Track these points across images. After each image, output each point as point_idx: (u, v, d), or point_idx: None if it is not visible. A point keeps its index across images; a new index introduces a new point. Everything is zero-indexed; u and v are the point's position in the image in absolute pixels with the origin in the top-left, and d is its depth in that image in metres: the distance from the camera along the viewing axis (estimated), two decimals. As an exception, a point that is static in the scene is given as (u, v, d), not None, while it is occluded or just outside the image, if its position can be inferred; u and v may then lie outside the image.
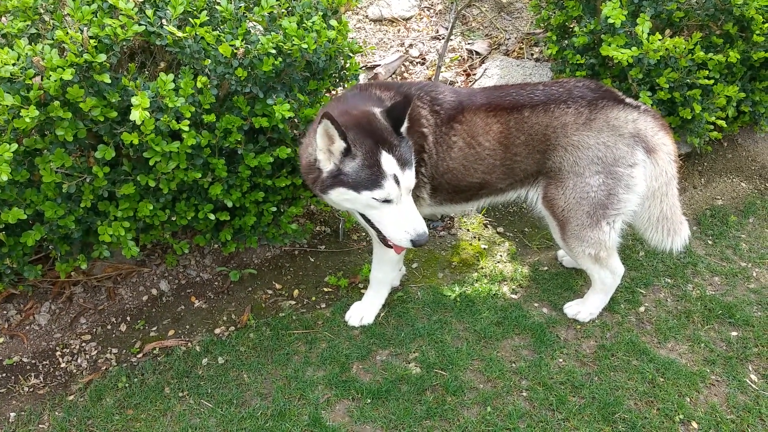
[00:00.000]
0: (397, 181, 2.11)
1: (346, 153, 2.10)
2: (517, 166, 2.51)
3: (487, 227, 3.37)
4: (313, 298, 2.92)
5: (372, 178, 2.08)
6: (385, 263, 2.71)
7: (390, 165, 2.10)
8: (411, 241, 2.15)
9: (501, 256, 3.19)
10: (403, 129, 2.19)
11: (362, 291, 2.90)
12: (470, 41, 4.55)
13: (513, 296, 2.95)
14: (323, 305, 2.89)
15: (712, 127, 3.39)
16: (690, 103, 3.19)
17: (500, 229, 3.37)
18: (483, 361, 2.59)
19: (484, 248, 3.23)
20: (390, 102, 2.40)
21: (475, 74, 4.23)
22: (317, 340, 2.67)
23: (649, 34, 3.01)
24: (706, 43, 3.20)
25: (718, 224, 3.42)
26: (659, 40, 3.00)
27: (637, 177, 2.43)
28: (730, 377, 2.55)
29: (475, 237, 3.31)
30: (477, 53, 4.43)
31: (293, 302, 2.89)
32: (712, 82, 3.10)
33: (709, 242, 3.31)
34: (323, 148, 2.13)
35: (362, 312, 2.76)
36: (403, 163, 2.13)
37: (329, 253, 3.17)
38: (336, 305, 2.86)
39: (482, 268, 3.10)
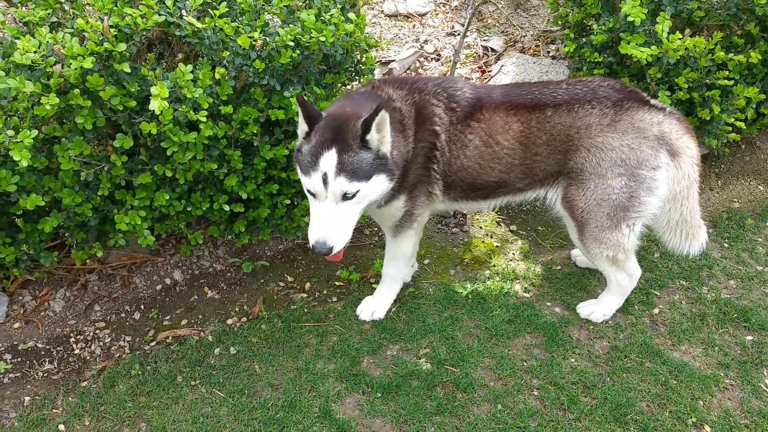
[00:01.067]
0: (326, 181, 2.08)
1: (306, 136, 2.17)
2: (537, 166, 2.49)
3: (500, 225, 3.36)
4: (325, 292, 2.92)
5: (307, 166, 2.11)
6: (397, 259, 2.70)
7: (327, 163, 2.07)
8: (312, 244, 2.12)
9: (513, 254, 3.18)
10: (373, 138, 2.11)
11: (373, 286, 2.90)
12: (486, 38, 4.53)
13: (525, 295, 2.93)
14: (334, 299, 2.89)
15: (730, 128, 3.35)
16: (709, 103, 3.16)
17: (513, 227, 3.35)
18: (494, 358, 2.59)
19: (497, 246, 3.22)
20: (400, 102, 2.39)
21: (490, 71, 4.21)
22: (328, 333, 2.68)
23: (668, 33, 2.98)
24: (727, 43, 3.16)
25: (735, 227, 3.39)
26: (679, 39, 2.97)
27: (659, 180, 2.40)
28: (744, 382, 2.52)
29: (487, 234, 3.30)
30: (492, 50, 4.41)
31: (305, 295, 2.90)
32: (731, 82, 3.06)
33: (725, 245, 3.27)
34: (300, 126, 2.22)
35: (373, 307, 2.76)
36: (341, 169, 2.06)
37: (342, 247, 3.17)
38: (347, 299, 2.86)
39: (494, 265, 3.09)
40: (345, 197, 2.11)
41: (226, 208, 2.67)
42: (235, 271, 2.98)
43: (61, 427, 2.29)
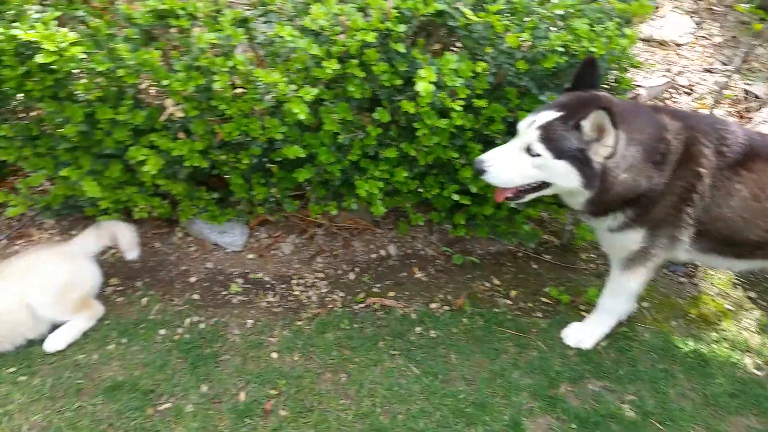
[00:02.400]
0: (528, 127, 2.18)
1: (564, 90, 2.34)
2: None
3: (735, 287, 2.96)
4: (530, 305, 2.83)
5: (536, 109, 2.28)
6: (619, 294, 2.53)
7: (543, 116, 2.16)
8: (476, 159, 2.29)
9: (748, 323, 2.78)
10: (585, 128, 2.09)
11: (582, 313, 2.73)
12: (749, 81, 4.05)
13: (756, 372, 2.55)
14: (539, 314, 2.78)
15: None
16: None
17: (752, 294, 2.93)
18: (708, 429, 2.28)
19: (729, 309, 2.84)
20: (672, 134, 2.22)
21: (750, 118, 3.74)
22: (528, 347, 2.59)
23: None
24: None
25: None
26: None
27: None
28: None
29: (719, 294, 2.92)
30: (755, 96, 3.93)
31: (509, 302, 2.83)
32: None
33: None
34: None
35: (582, 335, 2.60)
36: (544, 127, 2.13)
37: (553, 264, 3.05)
38: (554, 319, 2.73)
39: (724, 330, 2.73)
40: (528, 150, 2.16)
41: (455, 197, 2.72)
42: (445, 259, 3.02)
43: (274, 354, 2.51)
